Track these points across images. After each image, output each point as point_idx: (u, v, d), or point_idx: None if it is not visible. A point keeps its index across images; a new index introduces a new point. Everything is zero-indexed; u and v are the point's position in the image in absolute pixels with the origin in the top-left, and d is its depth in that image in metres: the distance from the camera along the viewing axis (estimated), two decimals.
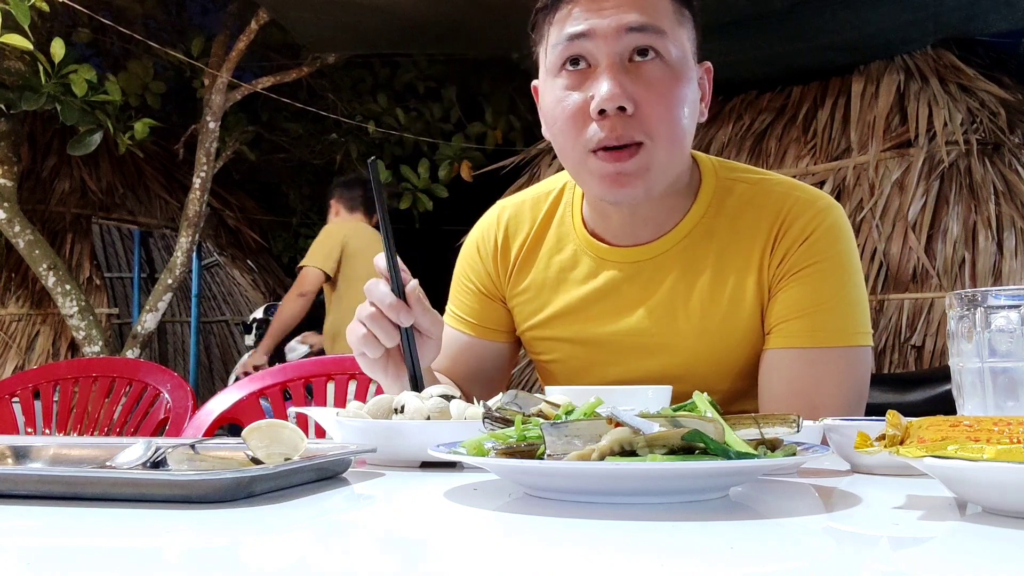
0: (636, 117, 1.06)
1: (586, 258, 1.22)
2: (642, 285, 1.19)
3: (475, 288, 1.32)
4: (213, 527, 0.57)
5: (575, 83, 1.09)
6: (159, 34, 5.81)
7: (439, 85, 6.17)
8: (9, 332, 5.56)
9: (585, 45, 1.07)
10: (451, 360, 1.31)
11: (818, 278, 1.13)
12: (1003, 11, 3.73)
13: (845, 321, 1.13)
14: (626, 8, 1.06)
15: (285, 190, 7.16)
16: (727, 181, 1.20)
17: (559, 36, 1.09)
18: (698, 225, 1.18)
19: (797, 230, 1.14)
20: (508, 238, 1.29)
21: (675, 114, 1.08)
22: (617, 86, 1.04)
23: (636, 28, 1.06)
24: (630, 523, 0.56)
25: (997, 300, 0.76)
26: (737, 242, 1.16)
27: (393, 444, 0.86)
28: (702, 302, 1.16)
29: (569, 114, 1.09)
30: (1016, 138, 3.82)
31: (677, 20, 1.10)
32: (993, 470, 0.55)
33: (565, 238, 1.25)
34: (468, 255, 1.34)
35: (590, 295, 1.21)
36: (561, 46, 1.09)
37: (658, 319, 1.18)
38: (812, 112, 4.31)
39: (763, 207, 1.17)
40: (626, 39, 1.06)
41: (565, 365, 1.26)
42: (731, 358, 1.17)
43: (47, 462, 0.83)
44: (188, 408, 1.71)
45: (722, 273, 1.16)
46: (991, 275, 3.58)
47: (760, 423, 0.71)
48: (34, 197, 5.78)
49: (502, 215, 1.31)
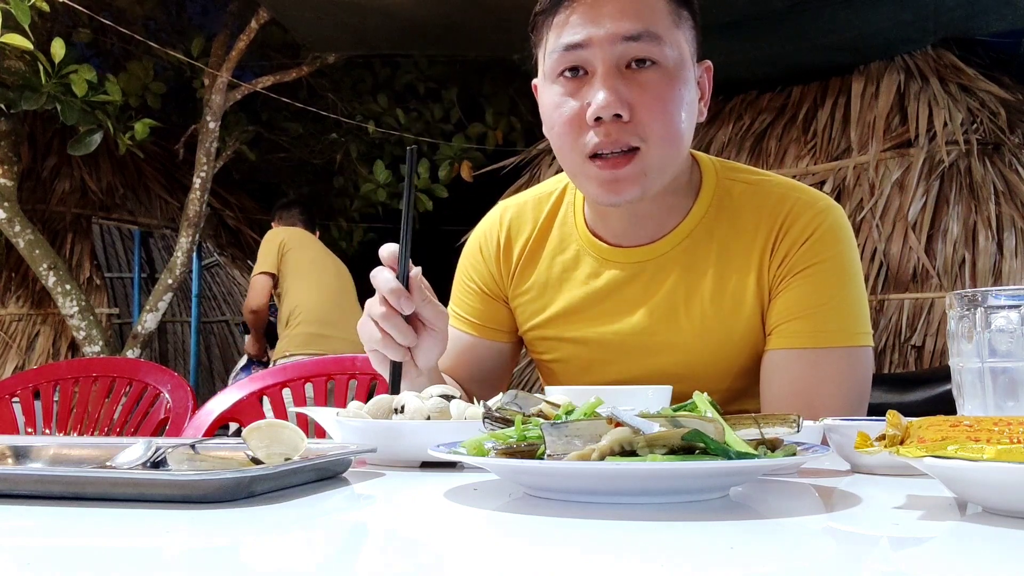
0: (632, 122, 1.06)
1: (588, 258, 1.23)
2: (644, 285, 1.19)
3: (477, 288, 1.32)
4: (213, 527, 0.57)
5: (572, 89, 1.09)
6: (159, 34, 5.82)
7: (439, 86, 6.17)
8: (9, 332, 5.56)
9: (581, 55, 1.08)
10: (453, 360, 1.31)
11: (819, 279, 1.13)
12: (1003, 11, 3.73)
13: (846, 321, 1.13)
14: (622, 16, 1.06)
15: (285, 190, 7.16)
16: (727, 181, 1.20)
17: (556, 44, 1.10)
18: (699, 225, 1.18)
19: (798, 231, 1.15)
20: (511, 238, 1.29)
21: (671, 117, 1.08)
22: (612, 94, 1.05)
23: (632, 37, 1.06)
24: (630, 523, 0.56)
25: (997, 300, 0.76)
26: (738, 242, 1.17)
27: (393, 444, 0.86)
28: (703, 302, 1.16)
29: (566, 120, 1.10)
30: (1016, 138, 3.82)
31: (674, 23, 1.09)
32: (993, 470, 0.55)
33: (567, 238, 1.25)
34: (470, 255, 1.34)
35: (592, 295, 1.22)
36: (558, 55, 1.09)
37: (659, 319, 1.18)
38: (812, 112, 4.31)
39: (763, 207, 1.17)
40: (622, 48, 1.06)
41: (567, 364, 1.26)
42: (731, 357, 1.18)
43: (47, 462, 0.83)
44: (188, 408, 1.71)
45: (723, 273, 1.16)
46: (991, 275, 3.59)
47: (760, 423, 0.71)
48: (34, 197, 5.78)
49: (504, 215, 1.31)
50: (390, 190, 5.89)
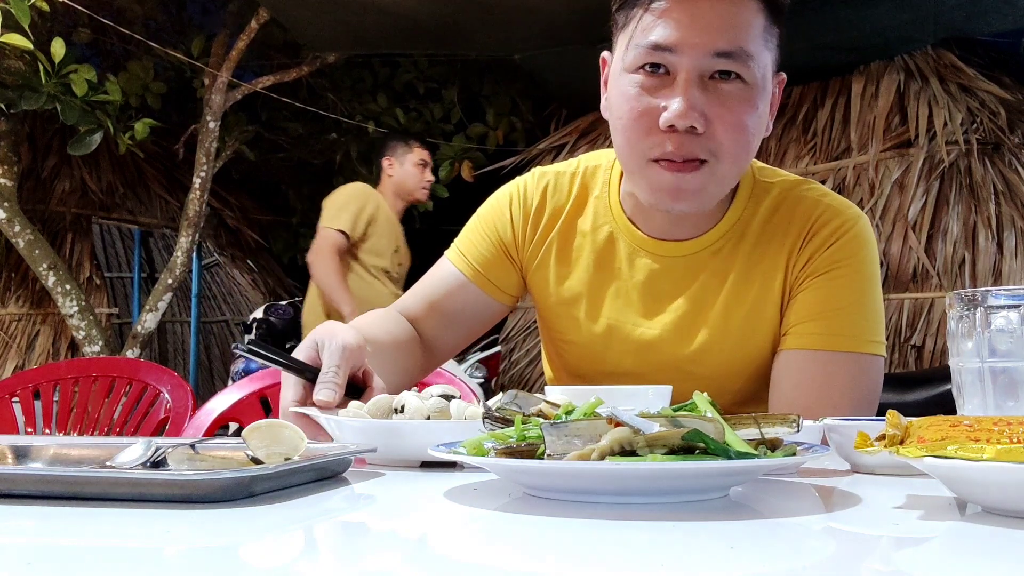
0: (705, 135, 1.03)
1: (622, 243, 1.21)
2: (674, 280, 1.18)
3: (495, 240, 1.28)
4: (213, 527, 0.57)
5: (650, 86, 1.05)
6: (159, 34, 5.81)
7: (440, 86, 6.16)
8: (9, 332, 5.56)
9: (668, 57, 1.03)
10: (432, 301, 1.29)
11: (837, 283, 1.13)
12: (1003, 11, 3.73)
13: (859, 327, 1.13)
14: (719, 29, 1.02)
15: (285, 190, 7.15)
16: (764, 184, 1.20)
17: (644, 38, 1.04)
18: (733, 227, 1.18)
19: (824, 235, 1.15)
20: (544, 204, 1.26)
21: (744, 135, 1.05)
22: (691, 105, 1.01)
23: (724, 54, 1.02)
24: (630, 523, 0.56)
25: (997, 300, 0.76)
26: (768, 245, 1.17)
27: (393, 444, 0.86)
28: (727, 302, 1.16)
29: (636, 116, 1.06)
30: (1016, 138, 3.82)
31: (764, 41, 1.06)
32: (993, 470, 0.55)
33: (601, 217, 1.23)
34: (499, 207, 1.30)
35: (622, 281, 1.21)
36: (643, 50, 1.04)
37: (683, 315, 1.18)
38: (812, 112, 4.31)
39: (795, 212, 1.17)
40: (711, 61, 1.03)
41: (583, 349, 1.24)
42: (751, 359, 1.18)
43: (47, 462, 0.83)
44: (188, 408, 1.71)
45: (751, 275, 1.16)
46: (991, 275, 3.59)
47: (760, 423, 0.71)
48: (34, 197, 5.78)
49: (541, 180, 1.28)
50: None
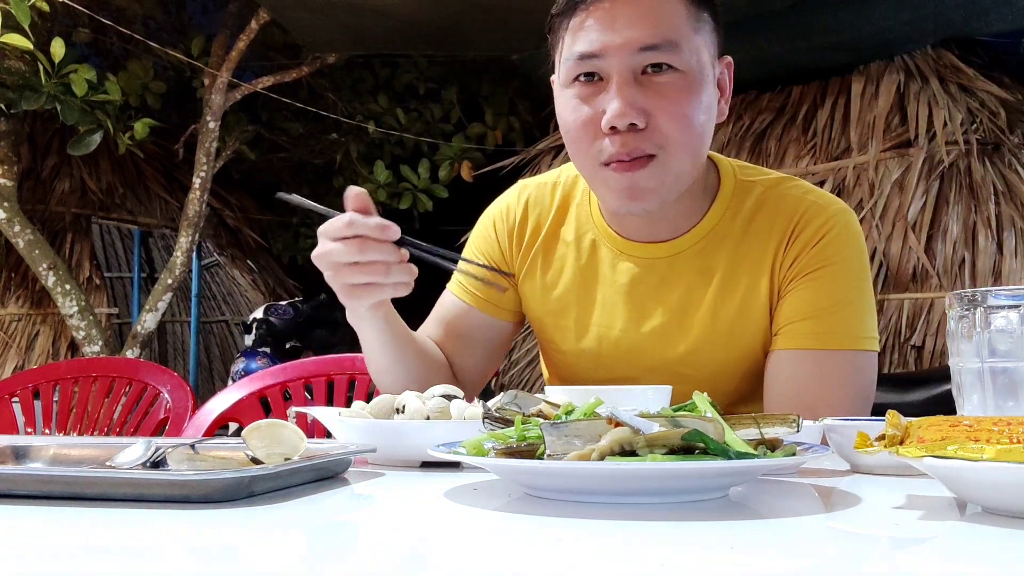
0: (648, 130, 1.04)
1: (605, 248, 1.22)
2: (657, 283, 1.19)
3: (485, 262, 1.30)
4: (213, 527, 0.57)
5: (587, 95, 1.07)
6: (159, 34, 5.80)
7: (439, 86, 6.16)
8: (9, 332, 5.56)
9: (596, 63, 1.05)
10: (445, 325, 1.30)
11: (827, 281, 1.13)
12: (1003, 11, 3.72)
13: (852, 325, 1.13)
14: (639, 24, 1.03)
15: (285, 190, 7.15)
16: (745, 183, 1.20)
17: (571, 51, 1.07)
18: (715, 227, 1.17)
19: (809, 233, 1.14)
20: (526, 217, 1.28)
21: (690, 123, 1.05)
22: (627, 103, 1.02)
23: (649, 47, 1.03)
24: (630, 523, 0.56)
25: (997, 300, 0.76)
26: (752, 244, 1.16)
27: (393, 444, 0.86)
28: (714, 302, 1.16)
29: (580, 125, 1.08)
30: (1016, 138, 3.82)
31: (693, 27, 1.06)
32: (993, 470, 0.55)
33: (584, 225, 1.24)
34: (484, 229, 1.33)
35: (607, 286, 1.21)
36: (572, 62, 1.07)
37: (671, 317, 1.18)
38: (812, 112, 4.31)
39: (778, 210, 1.17)
40: (638, 57, 1.03)
41: (575, 358, 1.25)
42: (741, 359, 1.18)
43: (47, 462, 0.83)
44: (188, 408, 1.71)
45: (736, 275, 1.16)
46: (991, 275, 3.58)
47: (760, 423, 0.71)
48: (34, 197, 5.78)
49: (523, 194, 1.30)
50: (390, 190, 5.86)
